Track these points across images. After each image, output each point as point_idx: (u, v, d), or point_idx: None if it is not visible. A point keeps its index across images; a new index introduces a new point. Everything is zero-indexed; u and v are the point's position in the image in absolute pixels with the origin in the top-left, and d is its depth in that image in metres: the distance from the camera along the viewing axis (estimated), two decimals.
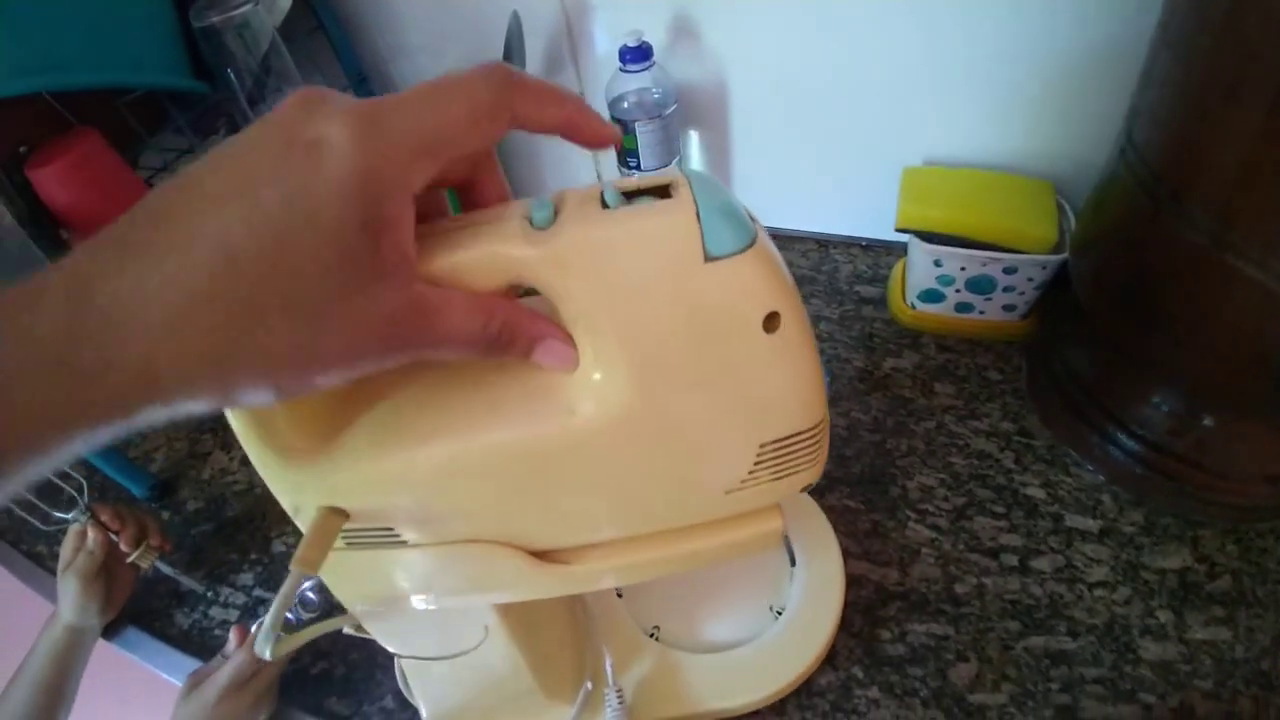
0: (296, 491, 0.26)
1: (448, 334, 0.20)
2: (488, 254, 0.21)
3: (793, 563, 0.46)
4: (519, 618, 0.34)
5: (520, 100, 0.20)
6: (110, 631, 0.53)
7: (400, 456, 0.24)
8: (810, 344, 0.24)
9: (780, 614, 0.44)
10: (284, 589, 0.25)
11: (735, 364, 0.23)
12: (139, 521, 0.52)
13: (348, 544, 0.27)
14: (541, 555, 0.28)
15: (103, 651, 0.53)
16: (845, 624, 0.44)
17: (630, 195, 0.22)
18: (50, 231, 0.57)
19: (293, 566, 0.24)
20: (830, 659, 0.44)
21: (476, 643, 0.34)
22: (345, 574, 0.29)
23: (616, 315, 0.22)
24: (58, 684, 0.48)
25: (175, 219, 0.17)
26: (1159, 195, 0.38)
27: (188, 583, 0.55)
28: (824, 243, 0.72)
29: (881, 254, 0.70)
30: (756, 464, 0.25)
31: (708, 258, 0.21)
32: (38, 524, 0.54)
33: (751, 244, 0.21)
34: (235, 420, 0.24)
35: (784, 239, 0.73)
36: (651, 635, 0.45)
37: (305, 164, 0.17)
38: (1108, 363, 0.49)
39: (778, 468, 0.25)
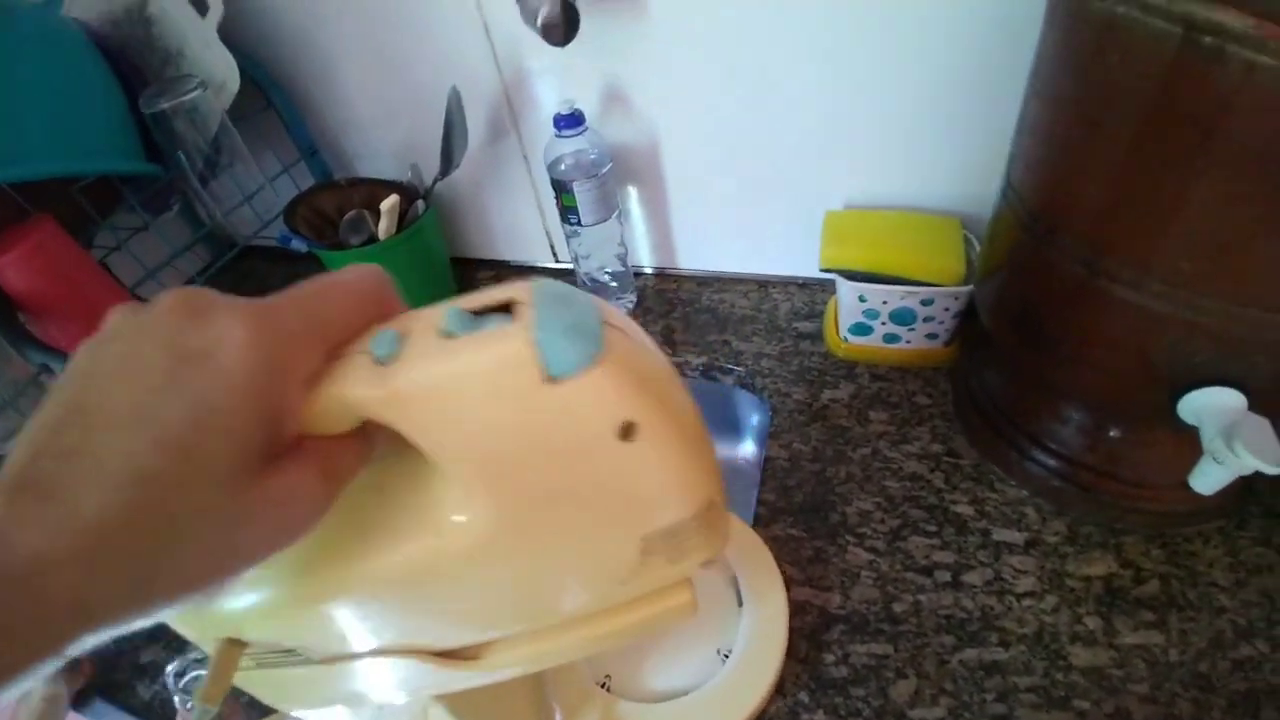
0: (191, 625, 0.26)
1: (308, 513, 0.21)
2: (333, 398, 0.21)
3: (740, 603, 0.48)
4: (460, 696, 0.34)
5: (389, 294, 0.22)
6: (79, 703, 0.53)
7: (275, 590, 0.25)
8: (682, 437, 0.23)
9: (727, 657, 0.46)
10: None
11: (596, 476, 0.23)
12: None
13: (257, 664, 0.28)
14: (447, 655, 0.28)
15: None
16: (791, 651, 0.46)
17: (479, 314, 0.22)
18: (9, 317, 0.58)
19: (197, 703, 0.26)
20: (778, 687, 0.45)
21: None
22: (264, 687, 0.30)
23: (463, 449, 0.22)
24: None
25: (82, 454, 0.17)
26: (1037, 231, 0.42)
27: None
28: (763, 283, 0.76)
29: (817, 291, 0.74)
30: (645, 554, 0.25)
31: (548, 380, 0.20)
32: None
33: (597, 359, 0.21)
34: None
35: (726, 281, 0.77)
36: (603, 685, 0.45)
37: (202, 375, 0.18)
38: (1018, 384, 0.52)
39: (669, 554, 0.26)
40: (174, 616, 0.24)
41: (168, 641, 0.56)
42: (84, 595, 0.16)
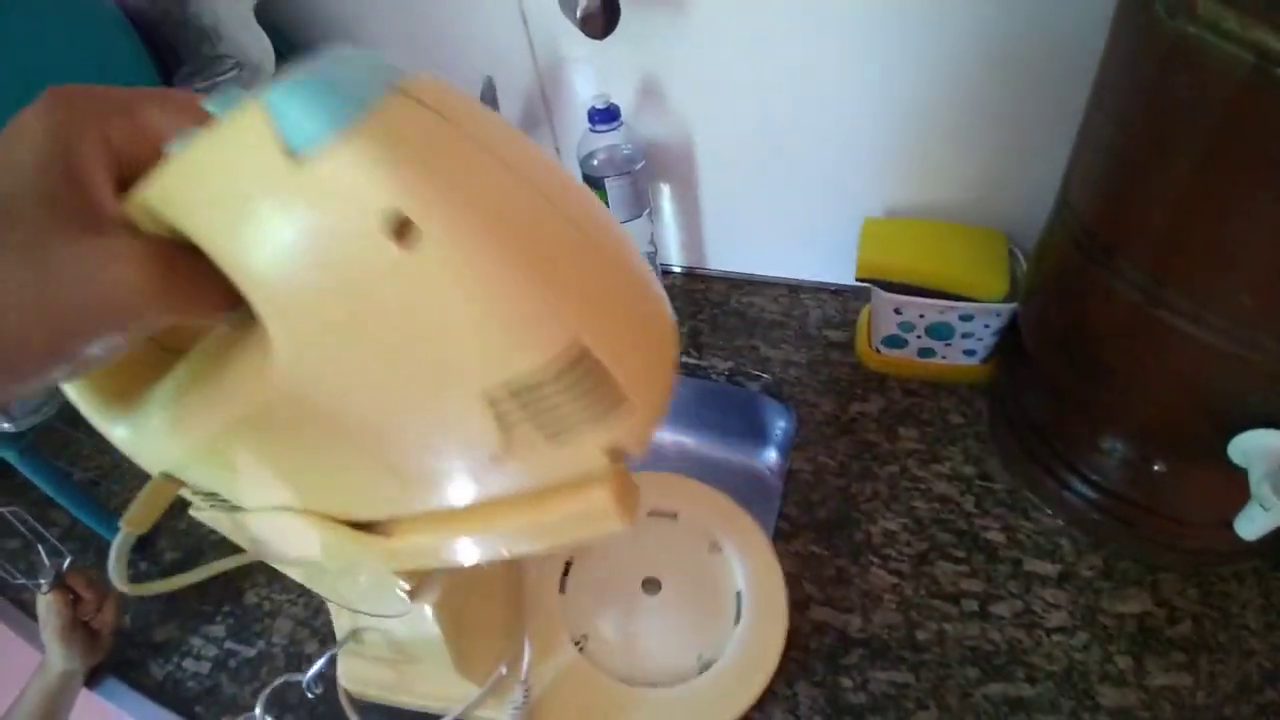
0: (141, 459, 0.27)
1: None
2: (134, 195, 0.19)
3: (737, 619, 0.47)
4: (447, 594, 0.35)
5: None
6: (92, 680, 0.54)
7: (167, 434, 0.25)
8: (501, 244, 0.18)
9: (708, 667, 0.45)
10: (114, 546, 0.29)
11: (378, 296, 0.18)
12: (99, 598, 0.54)
13: (211, 506, 0.29)
14: (363, 527, 0.27)
15: (85, 699, 0.53)
16: (808, 673, 0.45)
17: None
18: None
19: (122, 525, 0.28)
20: (793, 710, 0.44)
21: (402, 611, 0.34)
22: (231, 532, 0.31)
23: (229, 245, 0.18)
24: None
25: None
26: (1092, 251, 0.40)
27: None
28: (794, 288, 0.74)
29: (849, 299, 0.72)
30: (500, 420, 0.20)
31: (290, 155, 0.16)
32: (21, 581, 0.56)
33: (353, 125, 0.16)
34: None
35: (756, 284, 0.75)
36: (577, 644, 0.45)
37: (11, 143, 0.19)
38: (1059, 409, 0.50)
39: (538, 423, 0.20)
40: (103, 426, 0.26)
41: (184, 621, 0.57)
42: None
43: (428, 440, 0.22)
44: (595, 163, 0.63)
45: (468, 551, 0.26)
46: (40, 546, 0.54)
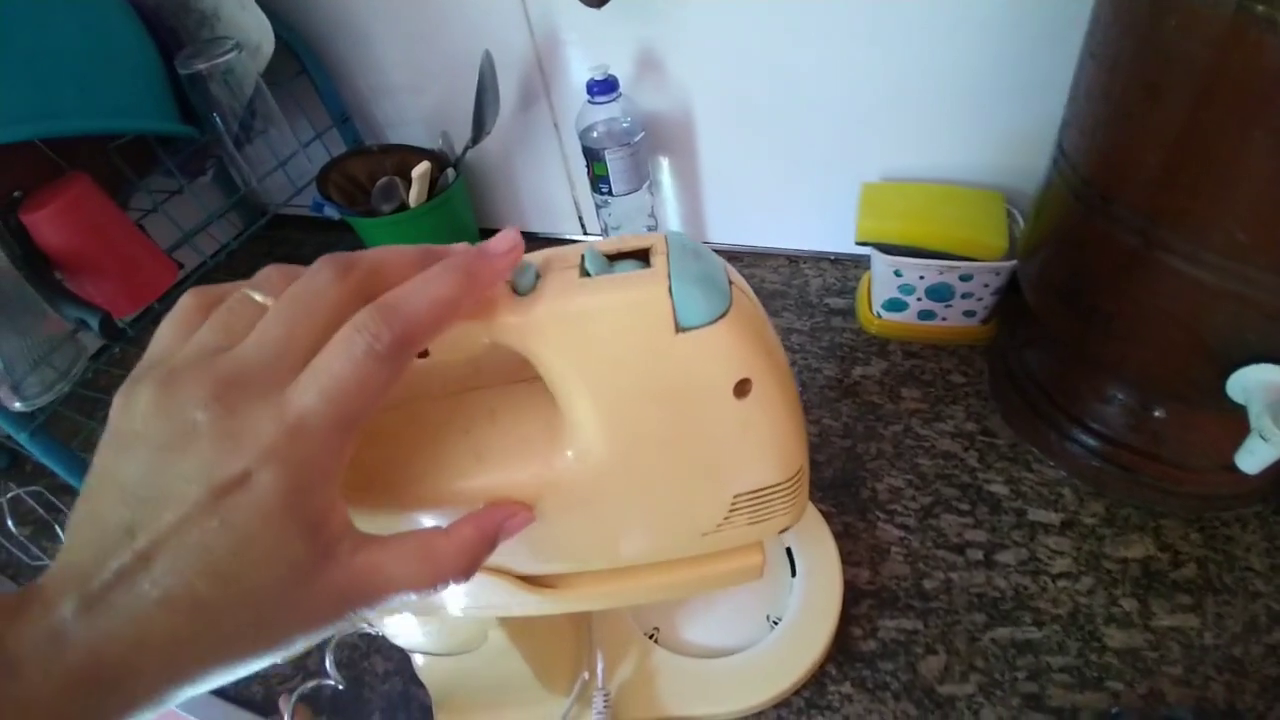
0: None
1: (400, 589, 0.21)
2: (473, 323, 0.22)
3: (794, 573, 0.48)
4: (519, 621, 0.36)
5: (398, 319, 0.20)
6: None
7: (390, 496, 0.26)
8: (785, 403, 0.24)
9: (777, 623, 0.45)
10: None
11: (706, 427, 0.24)
12: None
13: None
14: (529, 580, 0.29)
15: None
16: None
17: (613, 258, 0.24)
18: (44, 273, 0.59)
19: None
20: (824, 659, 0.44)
21: (478, 645, 0.36)
22: None
23: (590, 382, 0.23)
24: None
25: (140, 577, 0.18)
26: (1090, 200, 0.41)
27: None
28: (794, 258, 0.75)
29: (850, 267, 0.73)
30: (731, 511, 0.26)
31: (679, 329, 0.22)
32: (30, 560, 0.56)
33: (724, 314, 0.22)
34: None
35: (756, 255, 0.76)
36: (650, 636, 0.46)
37: (238, 509, 0.18)
38: (1060, 362, 0.51)
39: (753, 514, 0.27)
40: None
41: None
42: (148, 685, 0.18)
43: (666, 520, 0.27)
44: (594, 135, 0.63)
45: (620, 600, 0.30)
46: (58, 527, 0.55)
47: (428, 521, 0.26)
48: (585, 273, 0.23)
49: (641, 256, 0.23)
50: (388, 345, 0.19)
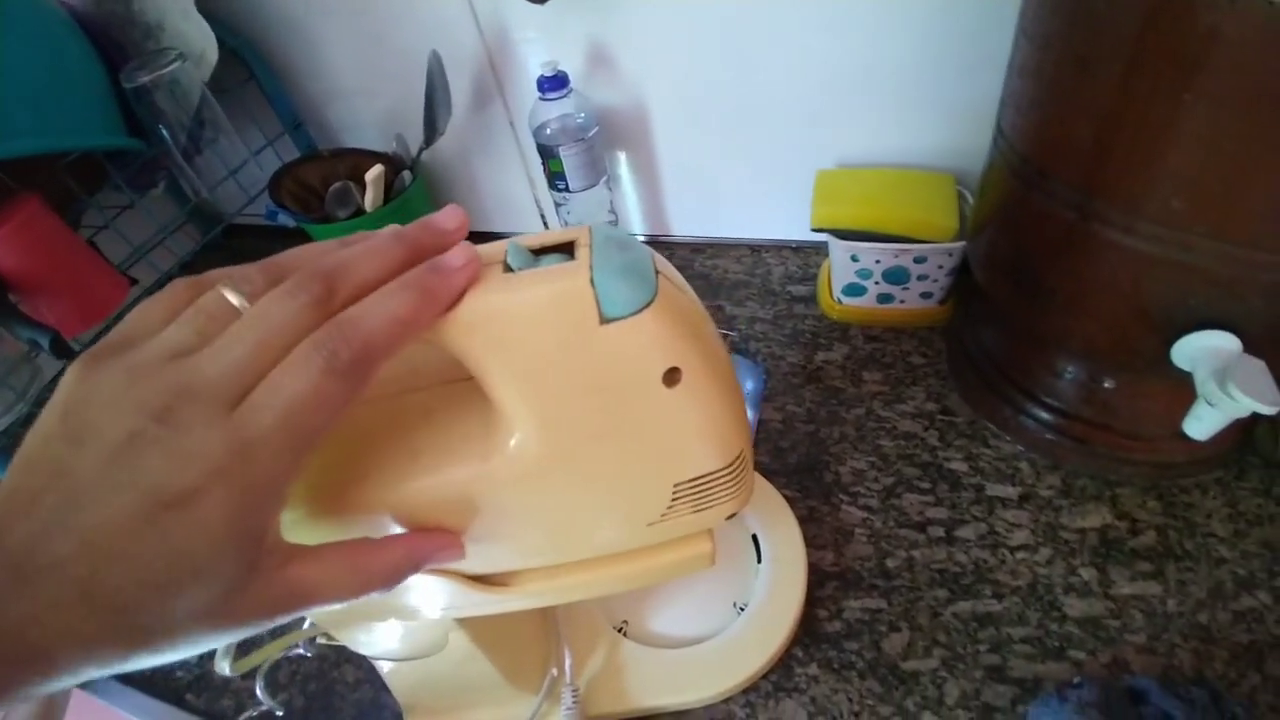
0: None
1: (325, 599, 0.22)
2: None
3: (759, 560, 0.48)
4: (480, 622, 0.36)
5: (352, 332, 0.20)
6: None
7: (328, 501, 0.26)
8: (718, 390, 0.24)
9: (744, 610, 0.46)
10: None
11: (639, 418, 0.24)
12: None
13: None
14: (480, 579, 0.29)
15: (78, 699, 0.53)
16: None
17: (539, 252, 0.23)
18: None
19: None
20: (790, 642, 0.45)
21: (440, 648, 0.35)
22: None
23: (518, 377, 0.23)
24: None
25: (65, 570, 0.18)
26: (1027, 177, 0.41)
27: None
28: (756, 248, 0.75)
29: (811, 254, 0.73)
30: (674, 500, 0.26)
31: (603, 320, 0.22)
32: None
33: (649, 303, 0.22)
34: None
35: (719, 246, 0.76)
36: (619, 630, 0.46)
37: (180, 526, 0.18)
38: (1012, 339, 0.52)
39: (697, 502, 0.27)
40: None
41: None
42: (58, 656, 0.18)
43: (609, 512, 0.27)
44: (548, 131, 0.63)
45: (573, 594, 0.30)
46: None
47: (366, 524, 0.26)
48: (508, 268, 0.23)
49: (567, 249, 0.23)
50: (346, 364, 0.19)
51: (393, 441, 0.26)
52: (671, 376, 0.23)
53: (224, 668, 0.29)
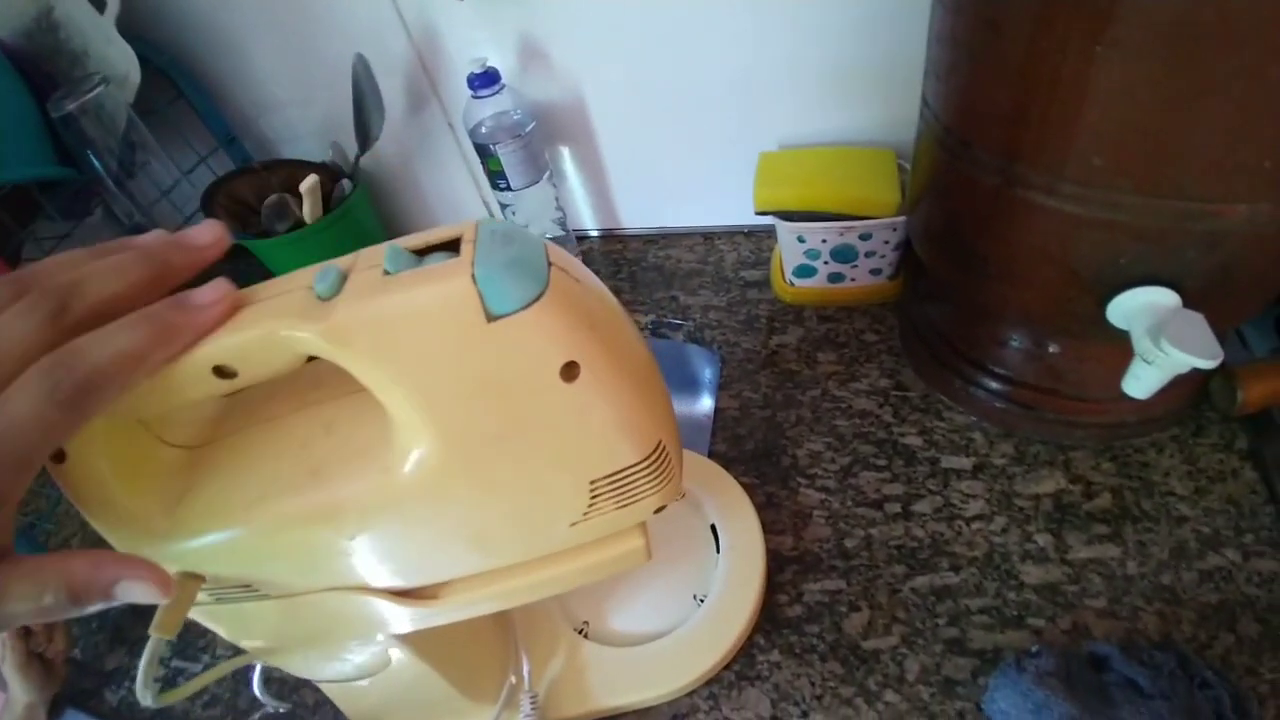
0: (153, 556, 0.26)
1: (6, 619, 0.20)
2: (267, 333, 0.21)
3: (718, 549, 0.47)
4: (423, 635, 0.35)
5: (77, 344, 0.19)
6: (53, 713, 0.53)
7: (230, 524, 0.25)
8: (625, 381, 0.24)
9: (703, 601, 0.45)
10: (146, 653, 0.26)
11: (541, 416, 0.23)
12: (48, 628, 0.53)
13: (216, 599, 0.28)
14: (406, 594, 0.28)
15: None
16: None
17: (421, 253, 0.22)
18: None
19: (151, 632, 0.25)
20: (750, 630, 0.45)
21: (383, 667, 0.35)
22: (225, 623, 0.30)
23: (406, 383, 0.22)
24: None
25: None
26: (951, 146, 0.41)
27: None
28: (709, 235, 0.74)
29: (763, 239, 0.73)
30: (594, 498, 0.26)
31: (490, 318, 0.21)
32: None
33: (538, 297, 0.21)
34: (69, 493, 0.24)
35: (671, 236, 0.76)
36: (580, 631, 0.45)
37: None
38: (957, 310, 0.52)
39: (619, 498, 0.26)
40: (128, 550, 0.25)
41: (131, 646, 0.56)
42: None
43: (526, 515, 0.26)
44: (483, 130, 0.62)
45: (506, 601, 0.29)
46: None
47: (274, 551, 0.26)
48: (387, 271, 0.22)
49: (452, 247, 0.22)
50: (67, 395, 0.19)
51: (292, 457, 0.25)
52: (569, 371, 0.22)
53: (146, 698, 0.28)
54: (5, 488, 0.19)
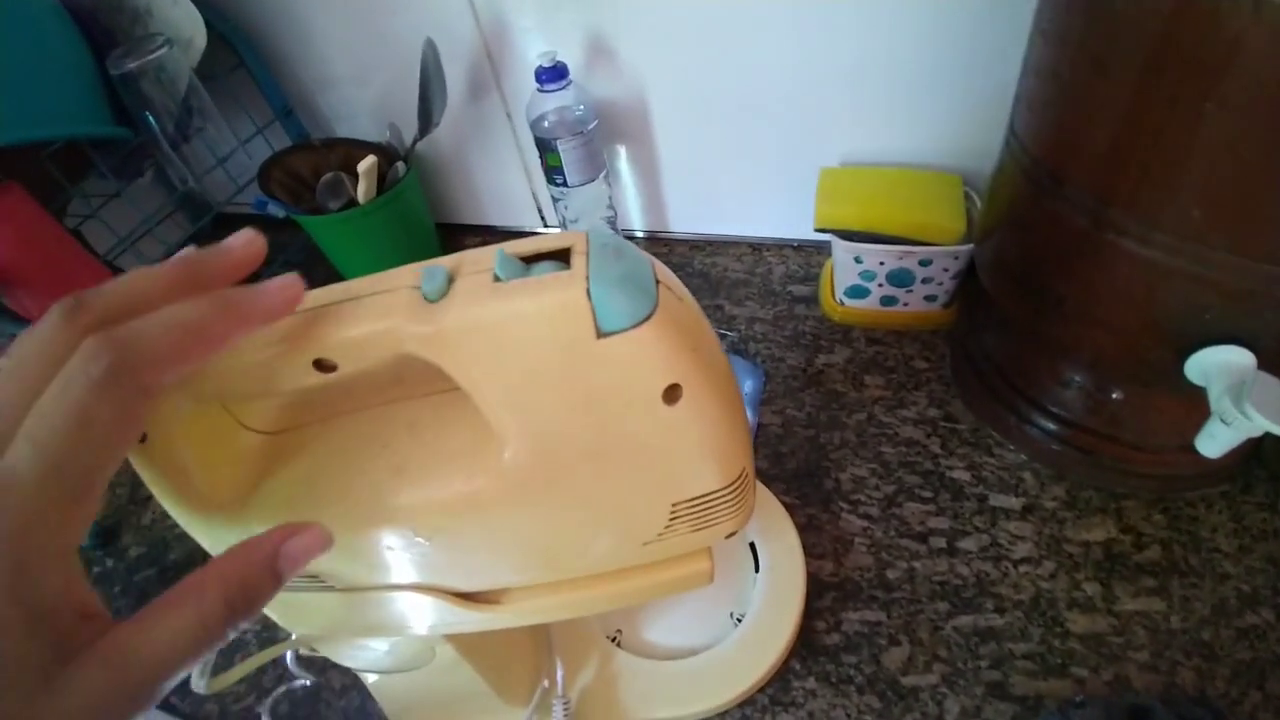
0: (219, 545, 0.26)
1: (172, 669, 0.17)
2: (374, 331, 0.21)
3: (757, 569, 0.47)
4: (469, 634, 0.34)
5: (137, 356, 0.17)
6: None
7: (307, 515, 0.24)
8: (721, 407, 0.23)
9: (740, 620, 0.45)
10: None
11: (636, 436, 0.23)
12: None
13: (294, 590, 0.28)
14: (468, 597, 0.28)
15: None
16: None
17: (529, 260, 0.22)
18: None
19: None
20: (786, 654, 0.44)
21: (426, 661, 0.34)
22: (283, 611, 0.30)
23: (507, 393, 0.22)
24: None
25: None
26: (1040, 181, 0.40)
27: None
28: (757, 246, 0.74)
29: (812, 254, 0.72)
30: (672, 520, 0.25)
31: (600, 334, 0.20)
32: None
33: (649, 316, 0.20)
34: (145, 474, 0.24)
35: (719, 244, 0.75)
36: (613, 639, 0.45)
37: None
38: (1018, 346, 0.51)
39: (695, 522, 0.26)
40: (198, 534, 0.25)
41: None
42: None
43: (603, 531, 0.26)
44: (546, 124, 0.61)
45: (568, 611, 0.29)
46: None
47: (349, 547, 0.25)
48: (497, 277, 0.21)
49: (561, 257, 0.22)
50: (104, 370, 0.16)
51: (373, 456, 0.25)
52: (672, 393, 0.22)
53: (200, 685, 0.28)
54: (56, 521, 0.16)
